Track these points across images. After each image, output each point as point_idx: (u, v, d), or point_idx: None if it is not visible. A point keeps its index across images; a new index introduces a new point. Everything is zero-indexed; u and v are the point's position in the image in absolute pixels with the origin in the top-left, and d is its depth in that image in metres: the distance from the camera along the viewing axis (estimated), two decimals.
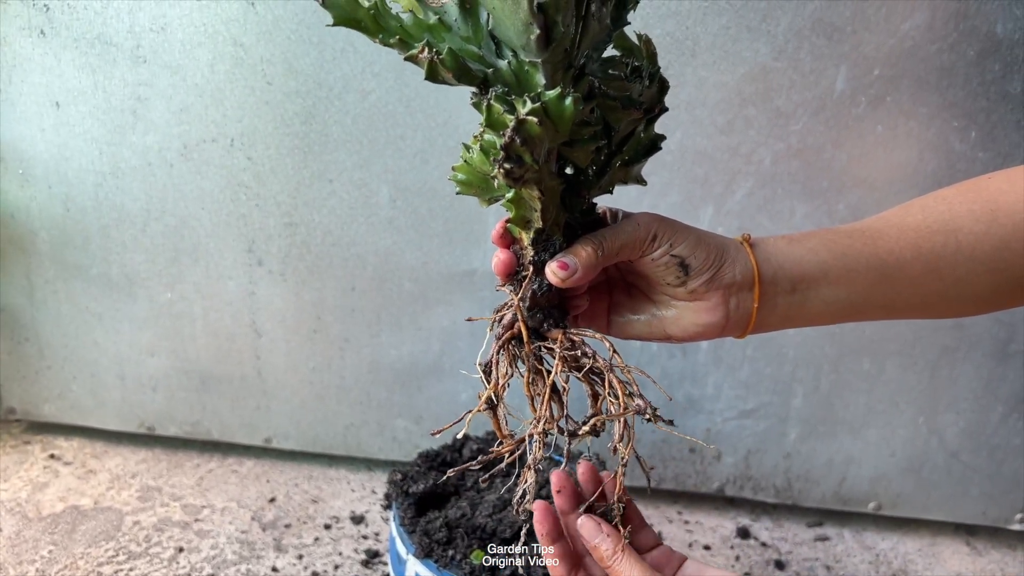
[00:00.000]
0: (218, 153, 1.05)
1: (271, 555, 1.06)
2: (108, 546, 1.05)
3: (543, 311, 0.48)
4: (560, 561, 0.54)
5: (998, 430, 1.11)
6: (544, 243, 0.47)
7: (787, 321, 0.54)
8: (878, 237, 0.55)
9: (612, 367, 0.46)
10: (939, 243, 0.55)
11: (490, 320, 0.49)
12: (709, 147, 1.01)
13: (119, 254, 1.12)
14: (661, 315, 0.53)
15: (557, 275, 0.48)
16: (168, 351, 1.18)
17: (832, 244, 0.54)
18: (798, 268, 0.53)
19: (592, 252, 0.48)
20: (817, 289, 0.53)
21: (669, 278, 0.50)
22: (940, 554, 1.16)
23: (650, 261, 0.50)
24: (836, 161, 1.00)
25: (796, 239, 0.54)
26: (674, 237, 0.49)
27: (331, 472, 1.24)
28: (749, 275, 0.51)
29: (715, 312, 0.51)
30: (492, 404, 0.48)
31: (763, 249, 0.52)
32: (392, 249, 1.08)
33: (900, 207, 0.58)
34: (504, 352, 0.47)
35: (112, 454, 1.24)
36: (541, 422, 0.45)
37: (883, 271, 0.54)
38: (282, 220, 1.08)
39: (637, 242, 0.49)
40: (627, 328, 0.55)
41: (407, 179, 1.04)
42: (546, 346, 0.47)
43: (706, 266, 0.50)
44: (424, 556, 0.83)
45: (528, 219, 0.45)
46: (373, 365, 1.15)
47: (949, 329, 1.07)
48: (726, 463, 1.17)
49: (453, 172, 0.47)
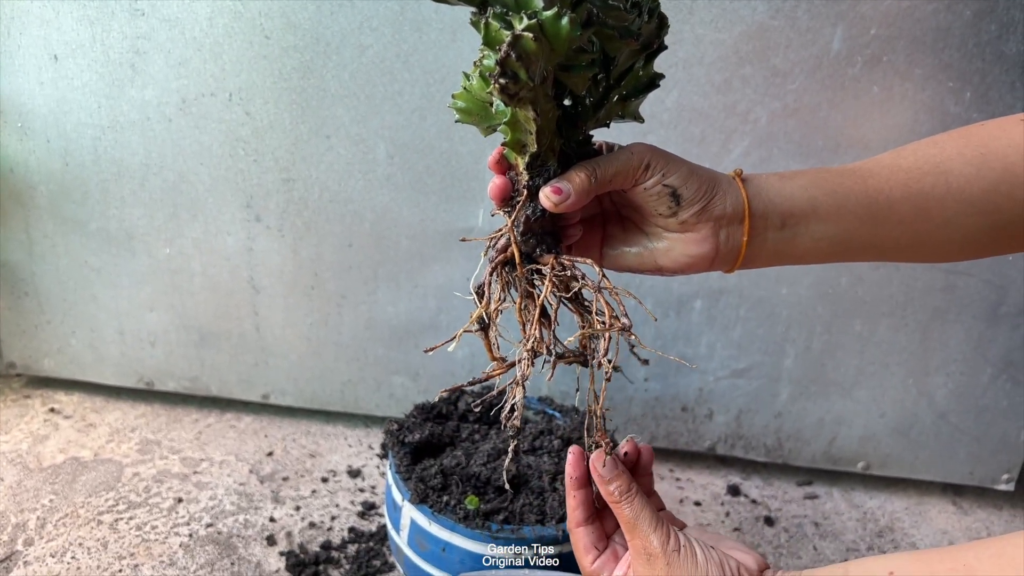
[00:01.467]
0: (216, 108, 1.06)
1: (269, 506, 1.07)
2: (108, 496, 1.06)
3: (536, 236, 0.49)
4: (581, 507, 0.56)
5: (987, 392, 1.12)
6: (539, 168, 0.48)
7: (776, 257, 0.55)
8: (869, 176, 0.56)
9: (601, 289, 0.48)
10: (929, 184, 0.56)
11: (485, 241, 0.50)
12: (706, 106, 1.01)
13: (118, 209, 1.13)
14: (652, 247, 0.54)
15: (551, 199, 0.48)
16: (167, 306, 1.19)
17: (823, 182, 0.55)
18: (788, 204, 0.53)
19: (586, 178, 0.49)
20: (807, 225, 0.54)
21: (661, 208, 0.51)
22: (926, 513, 1.18)
23: (643, 190, 0.51)
24: (832, 121, 1.01)
25: (787, 176, 0.55)
26: (667, 167, 0.50)
27: (328, 428, 1.26)
28: (740, 208, 0.52)
29: (705, 244, 0.52)
30: (484, 324, 0.49)
31: (754, 184, 0.53)
32: (389, 206, 1.09)
33: (893, 151, 0.59)
34: (497, 276, 0.48)
35: (111, 408, 1.26)
36: (530, 341, 0.47)
37: (873, 210, 0.55)
38: (280, 176, 1.08)
39: (630, 170, 0.50)
40: (619, 260, 0.56)
41: (405, 135, 1.04)
42: (537, 269, 0.48)
43: (697, 197, 0.51)
44: (419, 502, 0.85)
45: (524, 143, 0.46)
46: (370, 322, 1.17)
47: (940, 291, 1.08)
48: (718, 422, 1.19)
49: (453, 100, 0.47)
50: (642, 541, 0.52)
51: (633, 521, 0.52)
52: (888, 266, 1.07)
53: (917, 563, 0.45)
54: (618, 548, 0.56)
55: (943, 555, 0.44)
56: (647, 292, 1.12)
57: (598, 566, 0.55)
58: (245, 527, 1.03)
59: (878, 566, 0.46)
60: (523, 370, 0.48)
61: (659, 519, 0.53)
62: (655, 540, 0.51)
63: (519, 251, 0.48)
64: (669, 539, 0.52)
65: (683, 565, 0.51)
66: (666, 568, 0.51)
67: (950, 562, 0.43)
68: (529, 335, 0.49)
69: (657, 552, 0.51)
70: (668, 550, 0.51)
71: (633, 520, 0.52)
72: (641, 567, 0.52)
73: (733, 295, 1.11)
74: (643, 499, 0.53)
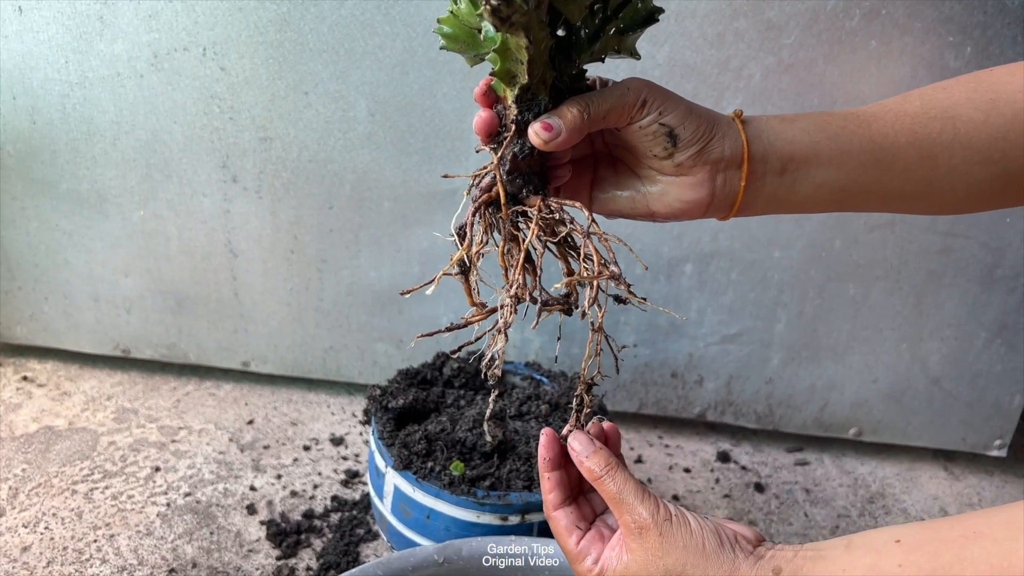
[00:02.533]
0: (190, 63, 1.01)
1: (249, 475, 1.05)
2: (83, 465, 1.03)
3: (523, 176, 0.46)
4: (556, 490, 0.53)
5: (980, 357, 1.11)
6: (529, 102, 0.45)
7: (774, 204, 0.52)
8: (873, 121, 0.53)
9: (589, 234, 0.45)
10: (936, 129, 0.53)
11: (468, 180, 0.46)
12: (698, 61, 0.98)
13: (89, 169, 1.09)
14: (646, 191, 0.51)
15: (540, 136, 0.45)
16: (142, 271, 1.15)
17: (826, 125, 0.52)
18: (789, 147, 0.51)
19: (578, 114, 0.45)
20: (807, 170, 0.51)
21: (656, 149, 0.48)
22: (917, 479, 1.17)
23: (638, 129, 0.47)
24: (828, 76, 0.98)
25: (789, 119, 0.52)
26: (664, 105, 0.47)
27: (311, 396, 1.23)
28: (738, 152, 0.49)
29: (701, 188, 0.49)
30: (464, 268, 0.45)
31: (754, 126, 0.50)
32: (371, 166, 1.05)
33: (899, 96, 0.56)
34: (480, 217, 0.45)
35: (87, 376, 1.22)
36: (513, 287, 0.44)
37: (877, 155, 0.52)
38: (257, 134, 1.04)
39: (626, 107, 0.47)
40: (610, 204, 0.53)
41: (386, 92, 1.01)
42: (524, 211, 0.45)
43: (695, 138, 0.48)
44: (403, 468, 0.82)
45: (513, 73, 0.43)
46: (352, 287, 1.13)
47: (936, 254, 1.06)
48: (708, 388, 1.17)
49: (438, 25, 0.44)
50: (631, 515, 0.48)
51: (618, 496, 0.49)
52: (884, 228, 1.05)
53: (925, 530, 0.42)
54: (603, 530, 0.52)
55: (952, 522, 0.41)
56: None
57: (584, 545, 0.51)
58: (225, 496, 1.00)
59: (884, 536, 0.43)
60: (505, 317, 0.45)
61: (645, 490, 0.49)
62: (644, 511, 0.48)
63: (505, 191, 0.45)
64: (659, 509, 0.48)
65: (676, 535, 0.47)
66: (659, 539, 0.47)
67: (960, 528, 0.40)
68: (512, 280, 0.46)
69: (648, 523, 0.47)
70: (659, 519, 0.48)
71: (618, 494, 0.49)
72: (634, 542, 0.48)
73: (724, 258, 1.08)
74: (625, 472, 0.50)
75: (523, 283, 0.45)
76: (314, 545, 0.94)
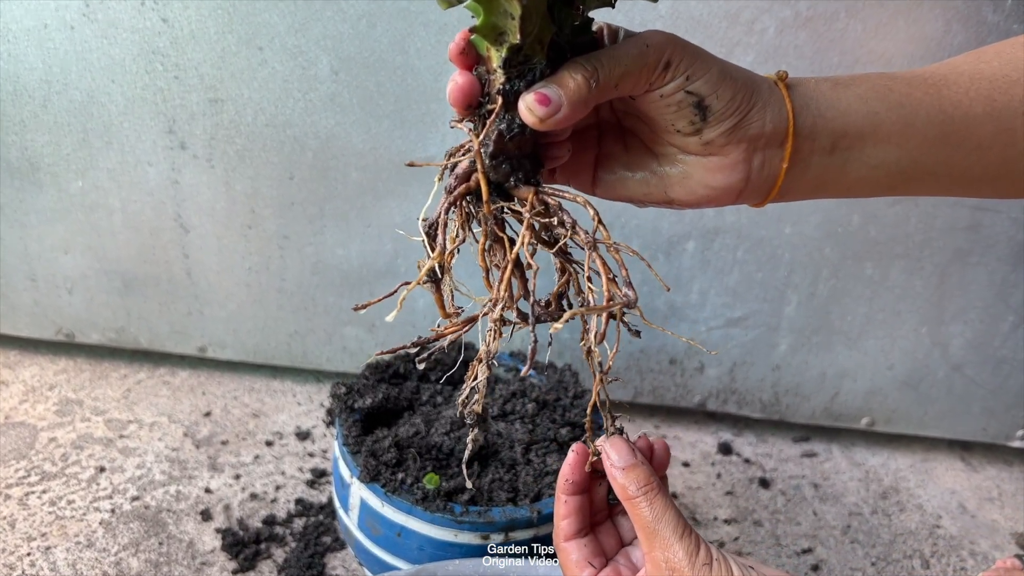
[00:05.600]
0: (127, 13, 0.89)
1: (204, 475, 0.95)
2: (19, 466, 0.93)
3: (511, 160, 0.35)
4: (573, 517, 0.44)
5: (1006, 341, 1.02)
6: (520, 67, 0.34)
7: (819, 188, 0.42)
8: (943, 85, 0.42)
9: (596, 243, 0.34)
10: (1018, 96, 0.43)
11: (440, 167, 0.35)
12: (705, 13, 0.86)
13: (18, 135, 0.96)
14: (664, 172, 0.40)
15: (535, 112, 0.34)
16: (84, 248, 1.03)
17: (887, 91, 0.41)
18: (842, 120, 0.40)
19: (583, 82, 0.35)
20: (863, 148, 0.41)
21: (680, 123, 0.37)
22: (933, 470, 1.09)
23: (658, 98, 0.36)
24: (850, 32, 0.87)
25: (843, 82, 0.41)
26: (692, 67, 0.36)
27: (275, 384, 1.12)
28: (782, 125, 0.38)
29: (734, 172, 0.38)
30: (435, 276, 0.35)
31: (802, 93, 0.40)
32: (335, 131, 0.93)
33: (970, 52, 0.45)
34: (456, 211, 0.34)
35: (27, 363, 1.11)
36: (498, 305, 0.33)
37: (946, 128, 0.42)
38: (206, 96, 0.92)
39: (645, 70, 0.36)
40: (618, 187, 0.42)
41: (351, 47, 0.88)
42: (512, 207, 0.34)
43: (730, 110, 0.37)
44: (370, 480, 0.72)
45: (501, 29, 0.32)
46: (318, 266, 1.02)
47: (963, 230, 0.96)
48: (709, 376, 1.07)
49: None
50: (663, 552, 0.39)
51: (652, 526, 0.40)
52: (907, 202, 0.94)
53: None
54: (621, 568, 0.43)
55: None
56: (632, 232, 0.99)
57: None
58: (177, 500, 0.90)
59: None
60: (488, 343, 0.34)
61: (686, 525, 0.40)
62: (680, 550, 0.39)
63: (487, 182, 0.34)
64: (699, 551, 0.39)
65: None
66: None
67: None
68: (498, 295, 0.35)
69: (682, 566, 0.39)
70: (697, 564, 0.39)
71: (652, 524, 0.40)
72: None
73: (730, 235, 0.98)
74: (667, 498, 0.41)
75: (510, 297, 0.34)
76: (275, 556, 0.85)
